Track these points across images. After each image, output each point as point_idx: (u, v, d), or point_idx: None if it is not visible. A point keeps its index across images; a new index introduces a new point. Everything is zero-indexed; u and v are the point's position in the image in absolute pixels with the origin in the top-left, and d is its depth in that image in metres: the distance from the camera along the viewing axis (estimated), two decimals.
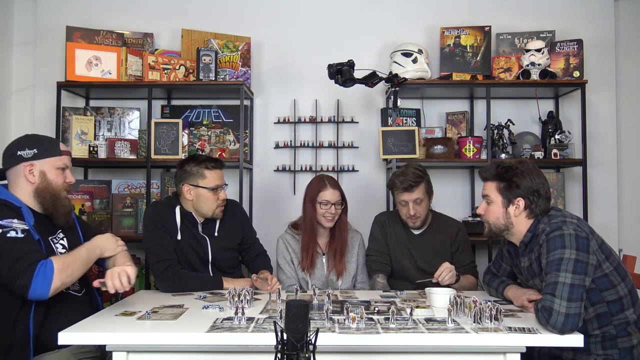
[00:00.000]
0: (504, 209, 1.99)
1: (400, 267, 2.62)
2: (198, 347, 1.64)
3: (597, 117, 3.45)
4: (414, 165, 2.63)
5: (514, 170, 1.97)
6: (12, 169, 1.97)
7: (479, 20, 3.46)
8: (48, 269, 1.76)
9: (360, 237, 2.71)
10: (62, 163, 2.02)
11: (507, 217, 1.99)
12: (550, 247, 1.81)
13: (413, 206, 2.55)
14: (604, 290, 1.84)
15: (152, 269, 2.40)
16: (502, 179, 1.98)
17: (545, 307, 1.69)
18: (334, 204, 2.53)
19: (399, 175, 2.57)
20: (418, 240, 2.64)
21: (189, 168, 2.45)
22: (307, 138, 3.52)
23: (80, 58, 3.20)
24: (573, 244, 1.77)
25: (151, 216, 2.45)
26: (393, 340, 1.62)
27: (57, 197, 1.99)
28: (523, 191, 1.94)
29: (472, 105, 3.51)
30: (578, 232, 1.80)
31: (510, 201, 1.97)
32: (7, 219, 1.81)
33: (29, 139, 2.02)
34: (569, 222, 1.85)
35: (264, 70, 3.55)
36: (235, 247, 2.61)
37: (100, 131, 3.37)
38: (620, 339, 1.84)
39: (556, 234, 1.81)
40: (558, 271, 1.74)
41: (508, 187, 1.97)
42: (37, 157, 1.97)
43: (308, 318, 1.20)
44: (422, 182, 2.55)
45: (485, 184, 2.06)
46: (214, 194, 2.44)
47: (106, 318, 1.82)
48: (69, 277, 1.81)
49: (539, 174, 1.98)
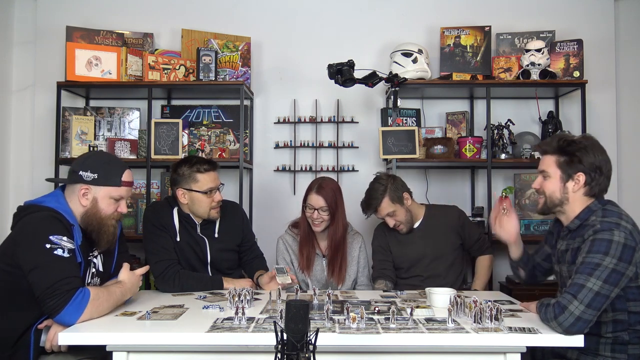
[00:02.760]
0: (562, 183, 1.89)
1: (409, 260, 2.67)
2: (198, 347, 1.64)
3: (597, 117, 3.45)
4: (375, 180, 2.69)
5: (578, 144, 1.87)
6: (70, 186, 1.97)
7: (479, 20, 3.46)
8: (84, 300, 1.75)
9: (361, 239, 2.70)
10: (117, 194, 1.99)
11: (564, 192, 1.89)
12: (593, 248, 1.71)
13: (389, 220, 2.64)
14: (631, 300, 1.77)
15: (152, 269, 2.39)
16: (564, 152, 1.88)
17: (561, 304, 1.65)
18: (316, 209, 2.52)
19: (364, 200, 2.69)
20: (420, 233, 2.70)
21: (181, 171, 2.44)
22: (307, 138, 3.52)
23: (80, 58, 3.20)
24: (617, 253, 1.68)
25: (150, 217, 2.45)
26: (393, 340, 1.62)
27: (103, 225, 1.97)
28: (585, 166, 1.84)
29: (472, 105, 3.51)
30: (627, 242, 1.70)
31: (570, 176, 1.87)
32: (57, 235, 1.80)
33: (96, 161, 1.99)
34: (622, 226, 1.73)
35: (264, 70, 3.55)
36: (235, 249, 2.60)
37: (100, 131, 3.37)
38: (632, 345, 1.78)
39: (605, 237, 1.71)
40: (590, 275, 1.67)
41: (569, 162, 1.86)
42: (95, 183, 1.95)
43: (308, 318, 1.20)
44: (383, 198, 2.60)
45: (543, 158, 1.96)
46: (207, 196, 2.42)
47: (106, 318, 1.82)
48: (97, 313, 1.80)
49: (603, 151, 1.87)
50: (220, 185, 2.50)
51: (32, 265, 1.76)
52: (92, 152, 2.04)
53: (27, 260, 1.77)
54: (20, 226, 1.85)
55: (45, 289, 1.72)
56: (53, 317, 1.75)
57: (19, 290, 1.81)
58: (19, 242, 1.82)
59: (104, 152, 2.07)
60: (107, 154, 2.06)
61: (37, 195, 2.11)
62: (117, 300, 1.90)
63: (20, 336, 1.83)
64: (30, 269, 1.76)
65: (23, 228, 1.84)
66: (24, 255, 1.79)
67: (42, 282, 1.73)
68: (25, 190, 3.46)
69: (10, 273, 1.82)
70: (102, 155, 2.04)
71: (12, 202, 3.46)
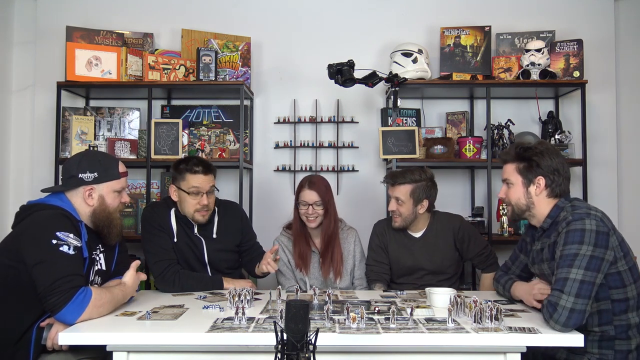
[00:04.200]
0: (525, 189, 1.99)
1: (403, 269, 2.62)
2: (198, 347, 1.64)
3: (597, 117, 3.45)
4: (419, 168, 2.61)
5: (534, 150, 1.98)
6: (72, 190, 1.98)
7: (479, 20, 3.46)
8: (86, 299, 1.76)
9: (355, 233, 2.70)
10: (120, 186, 2.04)
11: (528, 197, 1.98)
12: (568, 239, 1.78)
13: (394, 203, 2.57)
14: (612, 287, 1.82)
15: (151, 269, 2.40)
16: (522, 158, 1.99)
17: (551, 303, 1.69)
18: (311, 205, 2.53)
19: (395, 171, 2.67)
20: (420, 243, 2.62)
21: (178, 169, 2.46)
22: (307, 138, 3.52)
23: (80, 58, 3.20)
24: (592, 240, 1.75)
25: (149, 217, 2.46)
26: (393, 340, 1.62)
27: (112, 219, 2.02)
28: (543, 170, 1.95)
29: (472, 105, 3.51)
30: (599, 228, 1.77)
31: (531, 181, 1.97)
32: (64, 232, 1.82)
33: (91, 161, 2.01)
34: (592, 214, 1.81)
35: (264, 70, 3.55)
36: (234, 249, 2.59)
37: (100, 131, 3.37)
38: (619, 341, 1.83)
39: (577, 227, 1.78)
40: (570, 267, 1.72)
41: (528, 167, 1.97)
42: (98, 181, 1.98)
43: (308, 318, 1.20)
44: (408, 184, 2.54)
45: (505, 167, 2.06)
46: (192, 197, 2.40)
47: (106, 318, 1.82)
48: (98, 314, 1.80)
49: (558, 154, 2.00)
50: (214, 189, 2.48)
51: (36, 260, 1.77)
52: (81, 155, 2.05)
53: (32, 255, 1.78)
54: (28, 222, 1.87)
55: (48, 286, 1.73)
56: (54, 314, 1.76)
57: (21, 287, 1.81)
58: (25, 237, 1.83)
59: (90, 151, 2.11)
60: (94, 152, 2.12)
61: (37, 195, 2.11)
62: (118, 302, 1.91)
63: (23, 334, 1.83)
64: (34, 264, 1.77)
65: (31, 224, 1.86)
66: (29, 250, 1.79)
67: (45, 278, 1.74)
68: (25, 190, 3.46)
69: (14, 267, 1.82)
70: (92, 154, 2.07)
71: (12, 202, 3.46)
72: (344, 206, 3.11)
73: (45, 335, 1.83)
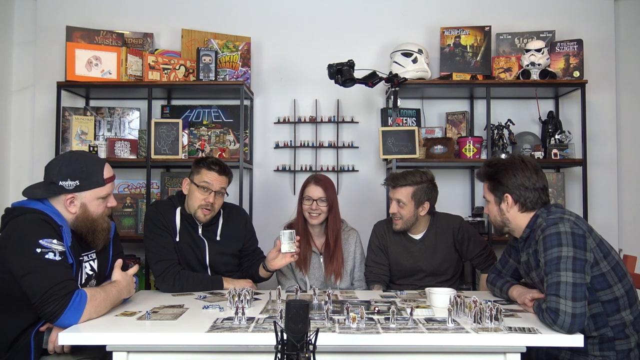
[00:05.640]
0: (497, 206, 2.04)
1: (403, 270, 2.62)
2: (198, 347, 1.64)
3: (597, 117, 3.45)
4: (420, 170, 2.61)
5: (497, 167, 2.02)
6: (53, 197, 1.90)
7: (479, 20, 3.46)
8: (82, 302, 1.74)
9: (356, 234, 2.71)
10: (105, 193, 1.95)
11: (501, 213, 2.03)
12: (546, 244, 1.80)
13: (395, 205, 2.57)
14: (599, 290, 1.83)
15: (152, 269, 2.39)
16: (489, 177, 2.05)
17: (551, 309, 1.68)
18: (315, 200, 2.54)
19: (396, 173, 2.65)
20: (420, 245, 2.62)
21: (198, 163, 2.48)
22: (307, 138, 3.52)
23: (80, 58, 3.20)
24: (569, 241, 1.76)
25: (152, 216, 2.45)
26: (393, 340, 1.62)
27: (96, 225, 1.95)
28: (507, 187, 1.98)
29: (472, 105, 3.51)
30: (574, 230, 1.79)
31: (500, 198, 2.02)
32: (47, 239, 1.76)
33: (71, 168, 1.89)
34: (566, 219, 1.83)
35: (264, 70, 3.55)
36: (235, 253, 2.59)
37: (100, 131, 3.37)
38: (618, 341, 1.84)
39: (552, 231, 1.80)
40: (558, 270, 1.73)
41: (495, 186, 2.02)
42: (79, 189, 1.89)
43: (308, 318, 1.20)
44: (409, 186, 2.54)
45: (483, 185, 2.12)
46: (200, 192, 2.41)
47: (106, 318, 1.82)
48: (96, 313, 1.79)
49: (524, 167, 1.97)
50: (224, 192, 2.48)
51: (24, 271, 1.72)
52: (62, 158, 1.93)
53: (19, 266, 1.73)
54: (9, 230, 1.81)
55: (42, 295, 1.69)
56: (53, 322, 1.73)
57: (10, 295, 1.78)
58: (8, 247, 1.77)
59: (74, 154, 1.95)
60: (77, 155, 1.93)
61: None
62: (114, 299, 1.89)
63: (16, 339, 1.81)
64: (23, 274, 1.72)
65: (12, 233, 1.79)
66: (15, 261, 1.74)
67: (37, 288, 1.70)
68: None
69: (1, 278, 1.78)
70: (75, 159, 1.92)
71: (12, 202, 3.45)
72: (343, 206, 3.09)
73: (45, 339, 1.82)
